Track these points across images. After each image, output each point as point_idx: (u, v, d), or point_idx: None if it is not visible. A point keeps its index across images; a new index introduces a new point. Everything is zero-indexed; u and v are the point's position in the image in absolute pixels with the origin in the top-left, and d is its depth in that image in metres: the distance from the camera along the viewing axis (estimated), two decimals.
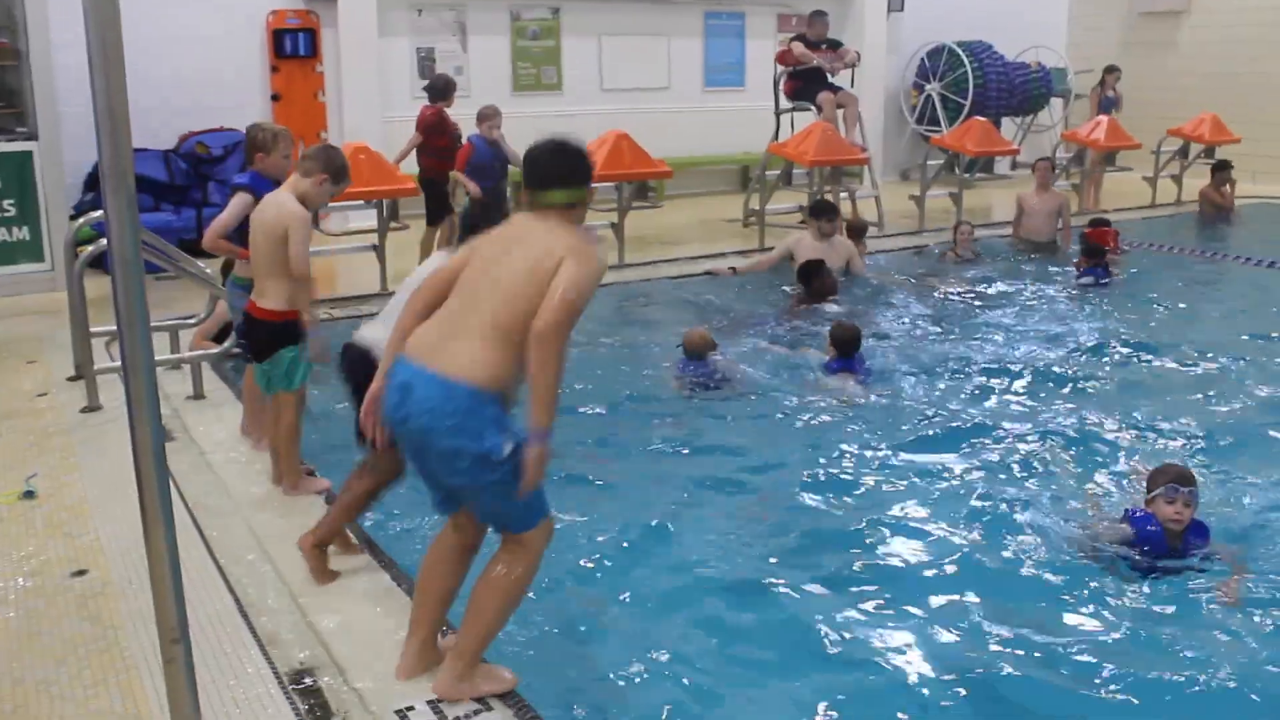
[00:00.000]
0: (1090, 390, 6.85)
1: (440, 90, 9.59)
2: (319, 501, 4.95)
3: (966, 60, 15.88)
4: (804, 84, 12.48)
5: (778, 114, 12.96)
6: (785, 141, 11.86)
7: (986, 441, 5.89)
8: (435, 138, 9.40)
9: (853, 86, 12.94)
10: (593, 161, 3.57)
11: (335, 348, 4.45)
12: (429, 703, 3.40)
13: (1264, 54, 16.10)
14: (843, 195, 12.40)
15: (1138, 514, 4.60)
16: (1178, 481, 4.46)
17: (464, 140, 9.32)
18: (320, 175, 4.84)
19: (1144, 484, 4.75)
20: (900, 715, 3.56)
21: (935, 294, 9.35)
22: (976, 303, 9.14)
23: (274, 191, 4.92)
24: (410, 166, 9.74)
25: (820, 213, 9.77)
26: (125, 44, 2.38)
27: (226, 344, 6.39)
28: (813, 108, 12.38)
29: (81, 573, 4.30)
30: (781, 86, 12.76)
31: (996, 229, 12.09)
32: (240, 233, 5.31)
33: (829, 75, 12.50)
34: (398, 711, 3.37)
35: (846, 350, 6.90)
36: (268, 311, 4.87)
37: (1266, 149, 15.48)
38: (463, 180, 8.91)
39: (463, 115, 11.89)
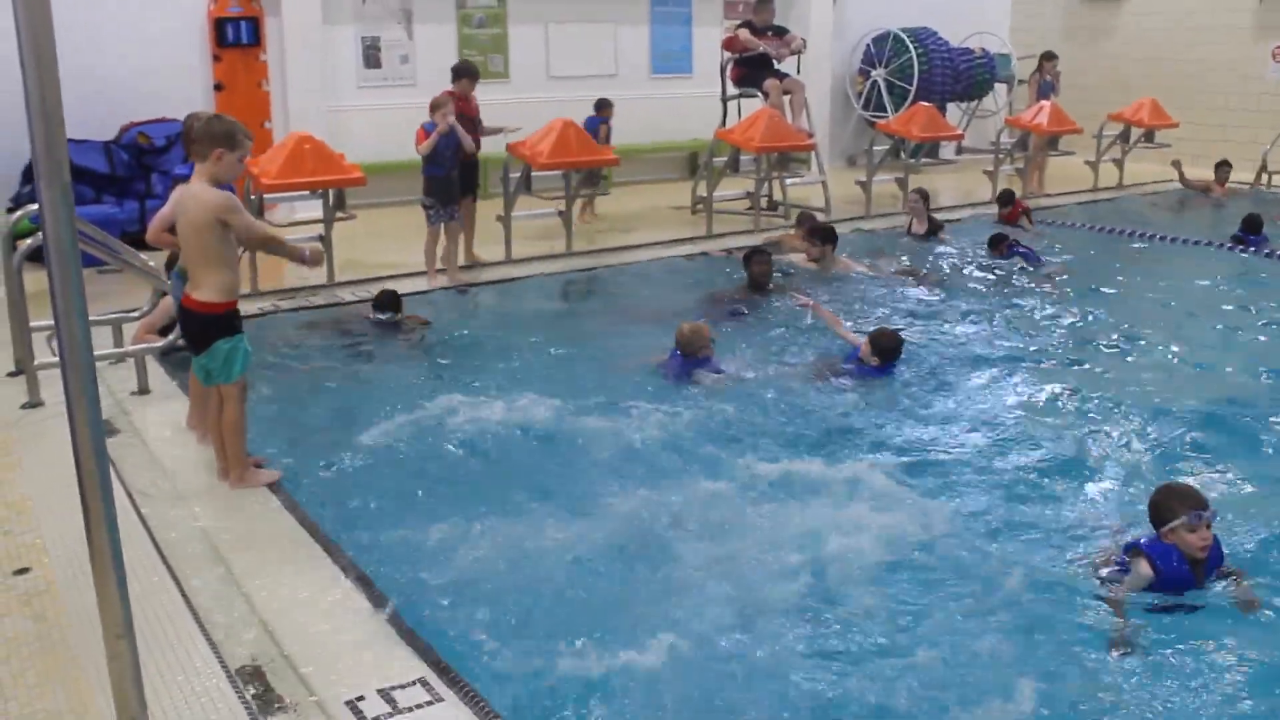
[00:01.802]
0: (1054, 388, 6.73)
1: (454, 72, 9.71)
2: (266, 493, 4.92)
3: (911, 46, 15.99)
4: (750, 70, 12.51)
5: (724, 100, 12.99)
6: (732, 128, 11.89)
7: (974, 462, 5.62)
8: None
9: (799, 73, 12.99)
10: None
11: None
12: (379, 691, 3.40)
13: (1201, 40, 16.39)
14: (790, 182, 12.49)
15: (1150, 547, 4.13)
16: (1198, 506, 4.05)
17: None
18: (215, 150, 4.73)
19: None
20: None
21: (888, 283, 9.36)
22: (928, 292, 9.13)
23: (186, 185, 4.85)
24: None
25: (813, 234, 9.74)
26: (65, 31, 2.35)
27: (171, 337, 6.30)
28: (759, 94, 12.43)
29: (24, 571, 4.24)
30: (728, 73, 12.78)
31: (942, 214, 12.22)
32: None
33: (775, 61, 12.54)
34: (348, 702, 3.37)
35: (887, 357, 6.79)
36: (200, 303, 4.80)
37: (1204, 134, 15.77)
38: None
39: (413, 104, 11.84)
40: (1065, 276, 9.62)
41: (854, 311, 8.39)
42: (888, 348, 6.82)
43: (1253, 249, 10.57)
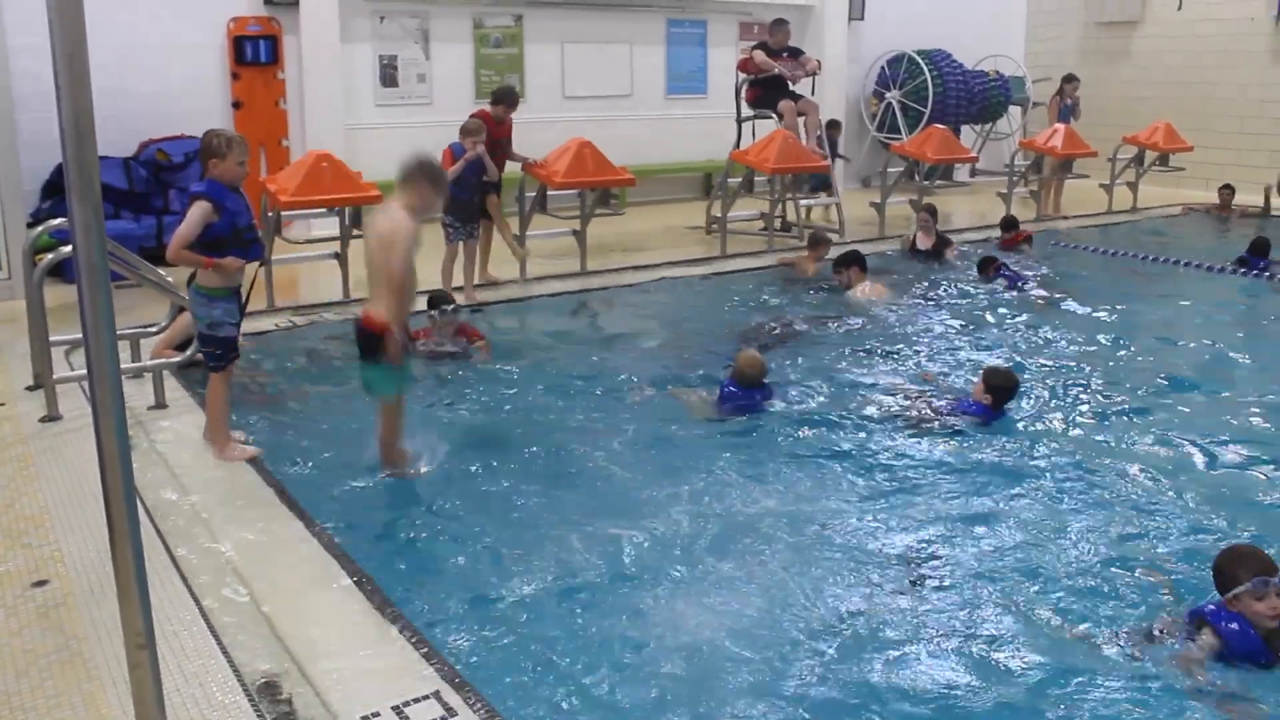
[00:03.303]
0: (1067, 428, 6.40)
1: (494, 96, 9.93)
2: (284, 509, 4.95)
3: (926, 68, 16.05)
4: (765, 92, 12.57)
5: (739, 121, 13.05)
6: (747, 149, 11.94)
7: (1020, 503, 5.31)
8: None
9: (814, 94, 13.04)
10: None
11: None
12: (393, 708, 3.42)
13: (1214, 63, 16.41)
14: (804, 203, 12.54)
15: (1215, 614, 3.78)
16: (1265, 571, 3.70)
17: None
18: (420, 189, 5.19)
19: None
20: None
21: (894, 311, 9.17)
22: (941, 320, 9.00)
23: (386, 203, 5.24)
24: None
25: (840, 263, 9.74)
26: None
27: (189, 352, 6.36)
28: (774, 115, 12.48)
29: (42, 583, 4.27)
30: (743, 94, 12.84)
31: (956, 236, 12.26)
32: (202, 242, 5.29)
33: (790, 83, 12.60)
34: (363, 717, 3.38)
35: (1001, 396, 6.33)
36: (367, 317, 5.15)
37: (1217, 156, 15.79)
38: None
39: (430, 123, 11.91)
40: (1049, 297, 9.62)
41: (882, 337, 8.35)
42: (1002, 386, 6.37)
43: (1255, 273, 10.61)
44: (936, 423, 6.30)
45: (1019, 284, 9.96)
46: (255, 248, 5.55)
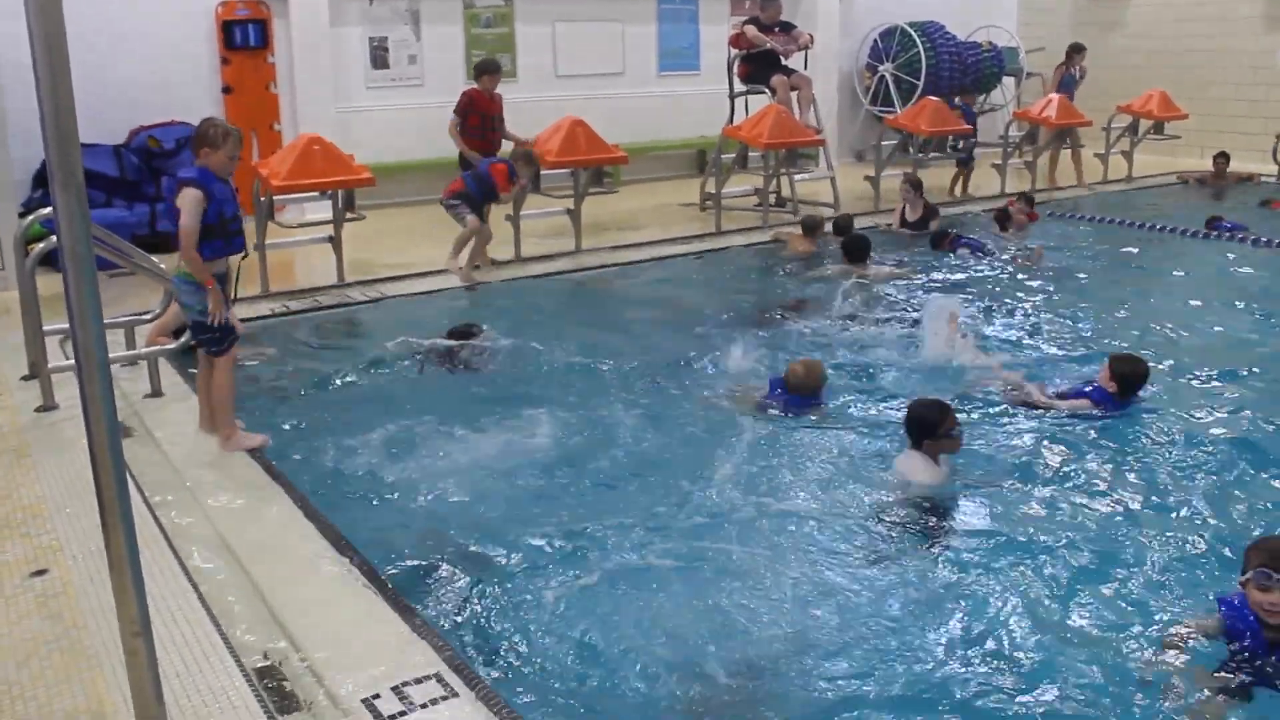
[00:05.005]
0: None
1: (476, 70, 10.08)
2: (281, 494, 4.95)
3: (919, 40, 15.96)
4: (757, 67, 12.51)
5: (732, 97, 12.99)
6: (740, 125, 11.89)
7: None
8: (468, 117, 9.69)
9: (806, 68, 12.98)
10: None
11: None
12: (393, 689, 3.42)
13: (1210, 31, 16.34)
14: (799, 178, 12.48)
15: (1228, 599, 3.78)
16: (1270, 565, 3.59)
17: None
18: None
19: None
20: None
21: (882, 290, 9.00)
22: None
23: None
24: None
25: (848, 251, 9.63)
26: (73, 36, 2.37)
27: (182, 340, 6.33)
28: (767, 91, 12.42)
29: (41, 572, 4.27)
30: (735, 70, 12.78)
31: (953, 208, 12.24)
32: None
33: (782, 58, 12.54)
34: (363, 700, 3.39)
35: (1128, 387, 5.92)
36: None
37: (1214, 124, 15.74)
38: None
39: (421, 104, 11.82)
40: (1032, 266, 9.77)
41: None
42: (1128, 375, 5.91)
43: (1218, 234, 10.99)
44: (1053, 408, 5.98)
45: (980, 249, 10.08)
46: (238, 240, 5.49)
